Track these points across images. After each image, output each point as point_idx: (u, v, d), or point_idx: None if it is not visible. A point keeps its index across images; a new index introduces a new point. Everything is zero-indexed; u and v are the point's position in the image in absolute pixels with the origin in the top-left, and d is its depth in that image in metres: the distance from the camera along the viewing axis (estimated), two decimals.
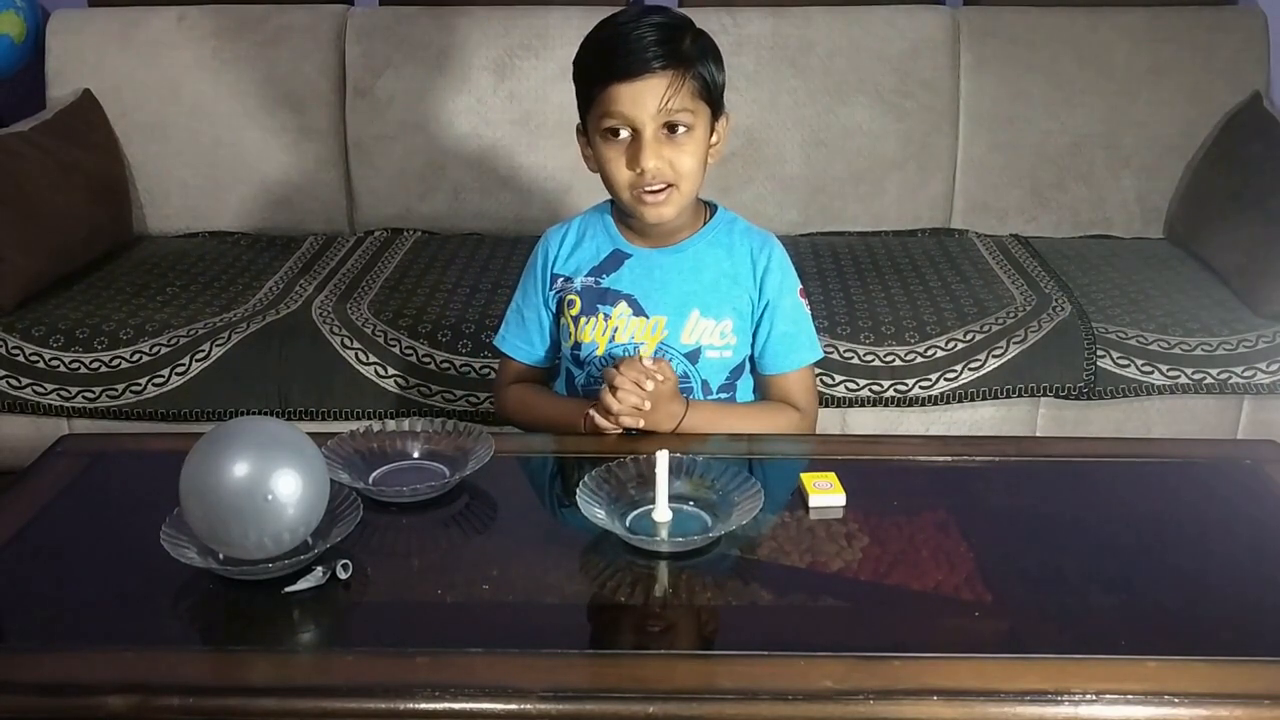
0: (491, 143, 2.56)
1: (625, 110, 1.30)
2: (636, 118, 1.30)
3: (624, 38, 1.30)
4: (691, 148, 1.33)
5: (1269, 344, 2.07)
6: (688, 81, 1.30)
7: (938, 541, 1.11)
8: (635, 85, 1.29)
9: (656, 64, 1.29)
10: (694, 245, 1.43)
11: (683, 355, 1.42)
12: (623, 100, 1.30)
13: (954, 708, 0.88)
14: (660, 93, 1.29)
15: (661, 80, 1.29)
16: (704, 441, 1.32)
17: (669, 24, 1.32)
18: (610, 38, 1.32)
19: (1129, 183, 2.59)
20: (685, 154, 1.33)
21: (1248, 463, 1.28)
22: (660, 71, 1.29)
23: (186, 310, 2.17)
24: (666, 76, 1.29)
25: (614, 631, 1.03)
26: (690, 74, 1.30)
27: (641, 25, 1.30)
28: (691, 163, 1.34)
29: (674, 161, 1.32)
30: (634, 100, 1.30)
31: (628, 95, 1.30)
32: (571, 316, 1.45)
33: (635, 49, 1.29)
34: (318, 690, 0.91)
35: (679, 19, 1.35)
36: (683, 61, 1.30)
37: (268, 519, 1.00)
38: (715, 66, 1.35)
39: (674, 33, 1.31)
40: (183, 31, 2.57)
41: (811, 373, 1.49)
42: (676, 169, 1.33)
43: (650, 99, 1.29)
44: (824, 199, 2.59)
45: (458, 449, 1.26)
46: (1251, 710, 0.88)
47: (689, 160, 1.33)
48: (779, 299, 1.43)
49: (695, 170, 1.35)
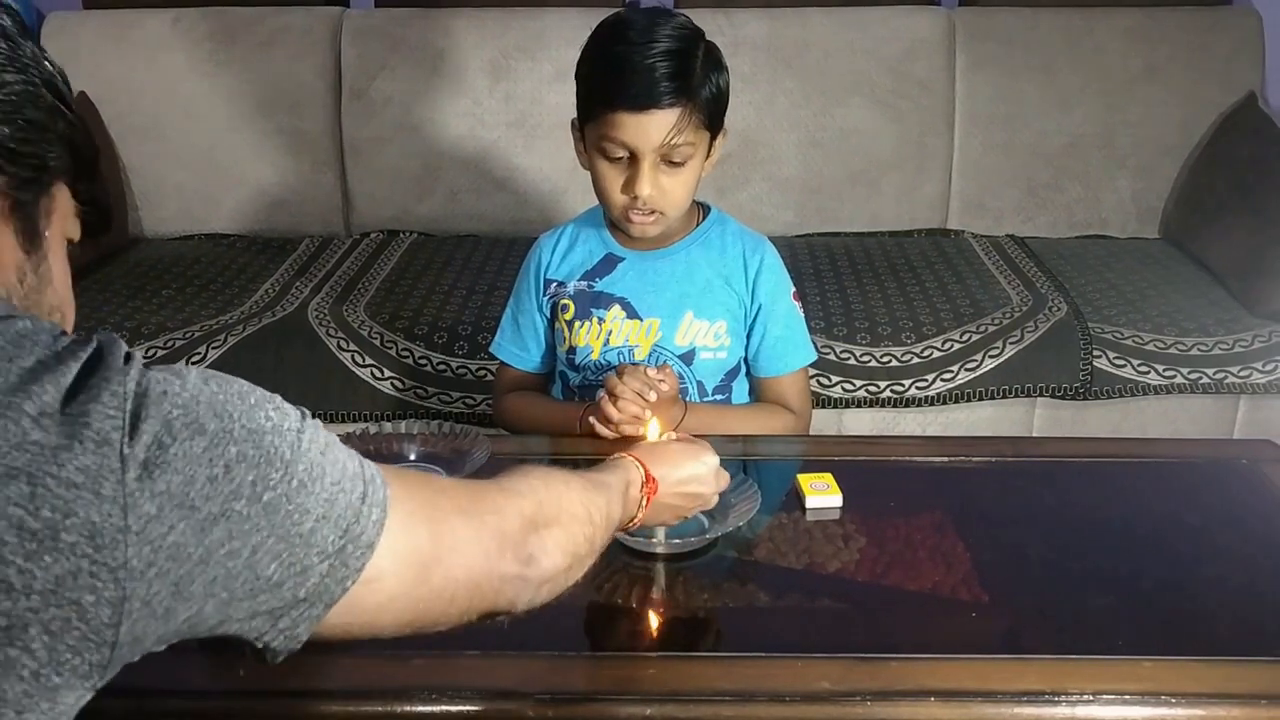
0: (487, 144, 2.56)
1: (628, 139, 1.28)
2: (638, 147, 1.28)
3: (635, 62, 1.25)
4: (687, 177, 1.32)
5: (1265, 343, 2.07)
6: (694, 115, 1.27)
7: (935, 542, 1.11)
8: (641, 118, 1.26)
9: (666, 99, 1.25)
10: (687, 247, 1.43)
11: (677, 357, 1.42)
12: (626, 129, 1.27)
13: (951, 708, 0.88)
14: (666, 128, 1.26)
15: (668, 116, 1.26)
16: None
17: (681, 49, 1.27)
18: (621, 58, 1.27)
19: (1125, 183, 2.59)
20: (680, 183, 1.32)
21: (1244, 462, 1.28)
22: (669, 107, 1.26)
23: (182, 313, 2.17)
24: (674, 113, 1.26)
25: (611, 634, 1.03)
26: (697, 105, 1.27)
27: (654, 50, 1.25)
28: (684, 191, 1.33)
29: (668, 190, 1.32)
30: (638, 131, 1.27)
31: (632, 125, 1.27)
32: (565, 321, 1.44)
33: (645, 79, 1.25)
34: (314, 693, 0.91)
35: (688, 36, 1.30)
36: (691, 95, 1.27)
37: None
38: (722, 81, 1.32)
39: (686, 61, 1.27)
40: (178, 34, 2.57)
41: (805, 375, 1.49)
42: (669, 198, 1.32)
43: (655, 133, 1.26)
44: (820, 200, 2.59)
45: (454, 451, 1.26)
46: (1249, 710, 0.88)
47: (682, 190, 1.33)
48: (773, 302, 1.43)
49: (686, 197, 1.35)
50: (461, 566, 0.72)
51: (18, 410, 0.54)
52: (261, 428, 0.61)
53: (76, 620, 0.54)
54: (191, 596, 0.58)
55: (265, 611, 0.62)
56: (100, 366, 0.58)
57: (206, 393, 0.60)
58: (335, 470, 0.65)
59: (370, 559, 0.65)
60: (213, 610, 0.60)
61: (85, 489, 0.54)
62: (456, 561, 0.71)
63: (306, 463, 0.63)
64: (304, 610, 0.64)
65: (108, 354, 0.59)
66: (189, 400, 0.59)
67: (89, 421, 0.55)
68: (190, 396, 0.59)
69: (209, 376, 0.62)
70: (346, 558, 0.64)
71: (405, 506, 0.68)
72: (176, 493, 0.57)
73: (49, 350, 0.58)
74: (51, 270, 0.71)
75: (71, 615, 0.54)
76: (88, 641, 0.55)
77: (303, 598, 0.63)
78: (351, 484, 0.65)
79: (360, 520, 0.65)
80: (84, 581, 0.54)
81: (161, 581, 0.56)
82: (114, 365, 0.58)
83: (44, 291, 0.71)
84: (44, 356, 0.57)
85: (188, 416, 0.58)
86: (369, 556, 0.65)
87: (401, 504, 0.68)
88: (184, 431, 0.58)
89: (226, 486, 0.59)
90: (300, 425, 0.64)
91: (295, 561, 0.62)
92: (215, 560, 0.58)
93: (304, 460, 0.63)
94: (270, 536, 0.60)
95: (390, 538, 0.66)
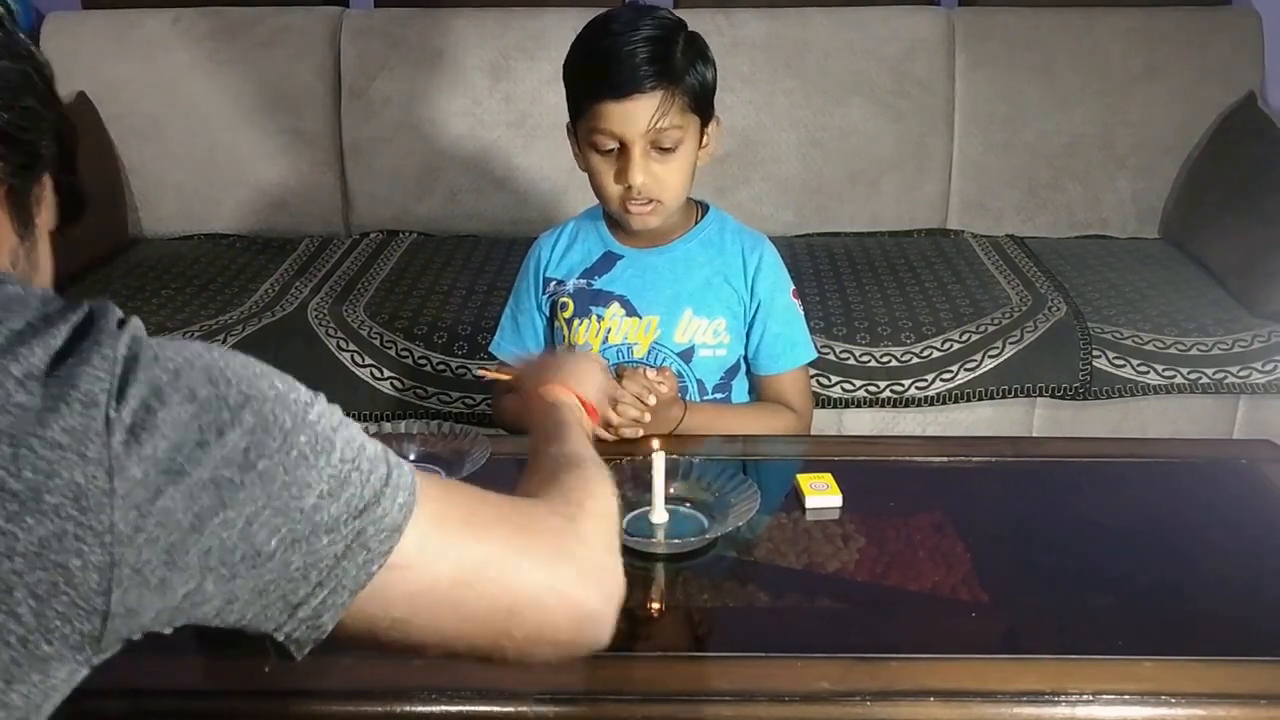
0: (487, 145, 2.56)
1: (614, 128, 1.29)
2: (625, 135, 1.29)
3: (615, 52, 1.28)
4: (679, 163, 1.33)
5: (1264, 343, 2.07)
6: (678, 98, 1.29)
7: (934, 542, 1.11)
8: (625, 105, 1.28)
9: (648, 83, 1.27)
10: (685, 245, 1.43)
11: (676, 355, 1.42)
12: (612, 118, 1.29)
13: (951, 708, 0.88)
14: (650, 112, 1.28)
15: (651, 100, 1.28)
16: (700, 443, 1.32)
17: (660, 35, 1.29)
18: (602, 50, 1.30)
19: (1124, 183, 2.59)
20: (673, 170, 1.32)
21: (1243, 462, 1.28)
22: (651, 91, 1.27)
23: (182, 313, 2.17)
24: (657, 96, 1.28)
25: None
26: (680, 89, 1.29)
27: (634, 38, 1.28)
28: (679, 178, 1.34)
29: (662, 178, 1.32)
30: (623, 119, 1.28)
31: (617, 113, 1.28)
32: (564, 319, 1.45)
33: (626, 66, 1.27)
34: (313, 693, 0.90)
35: (669, 25, 1.32)
36: (674, 78, 1.29)
37: None
38: (707, 71, 1.33)
39: (666, 46, 1.29)
40: (178, 33, 2.57)
41: (806, 373, 1.48)
42: (663, 185, 1.33)
43: (640, 118, 1.28)
44: (820, 200, 2.59)
45: (454, 451, 1.26)
46: (1248, 710, 0.88)
47: (677, 176, 1.33)
48: (771, 300, 1.43)
49: (683, 184, 1.35)
50: (520, 584, 0.66)
51: (4, 372, 0.53)
52: (263, 394, 0.59)
53: (64, 585, 0.53)
54: (187, 567, 0.57)
55: (278, 599, 0.60)
56: (92, 330, 0.57)
57: (205, 360, 0.59)
58: (349, 449, 0.62)
59: (398, 543, 0.62)
60: (215, 588, 0.58)
61: (70, 450, 0.53)
62: (512, 576, 0.66)
63: (311, 434, 0.60)
64: (324, 598, 0.61)
65: (100, 319, 0.58)
66: (181, 365, 0.58)
67: (76, 384, 0.54)
68: (184, 361, 0.58)
69: (214, 347, 0.60)
70: (367, 540, 0.61)
71: (439, 505, 0.65)
72: (163, 458, 0.55)
73: (38, 313, 0.57)
74: (40, 257, 0.71)
75: (59, 579, 0.53)
76: (77, 609, 0.54)
77: (318, 582, 0.60)
78: (371, 465, 0.63)
79: (382, 502, 0.62)
80: (69, 544, 0.53)
81: (152, 549, 0.55)
82: (106, 329, 0.57)
83: (33, 278, 0.70)
84: (33, 319, 0.56)
85: (178, 381, 0.57)
86: (395, 540, 0.62)
87: (435, 501, 0.65)
88: (174, 396, 0.56)
89: (218, 452, 0.57)
90: (311, 399, 0.62)
91: (299, 539, 0.59)
92: (209, 530, 0.57)
93: (307, 431, 0.60)
94: (266, 508, 0.58)
95: (422, 526, 0.63)
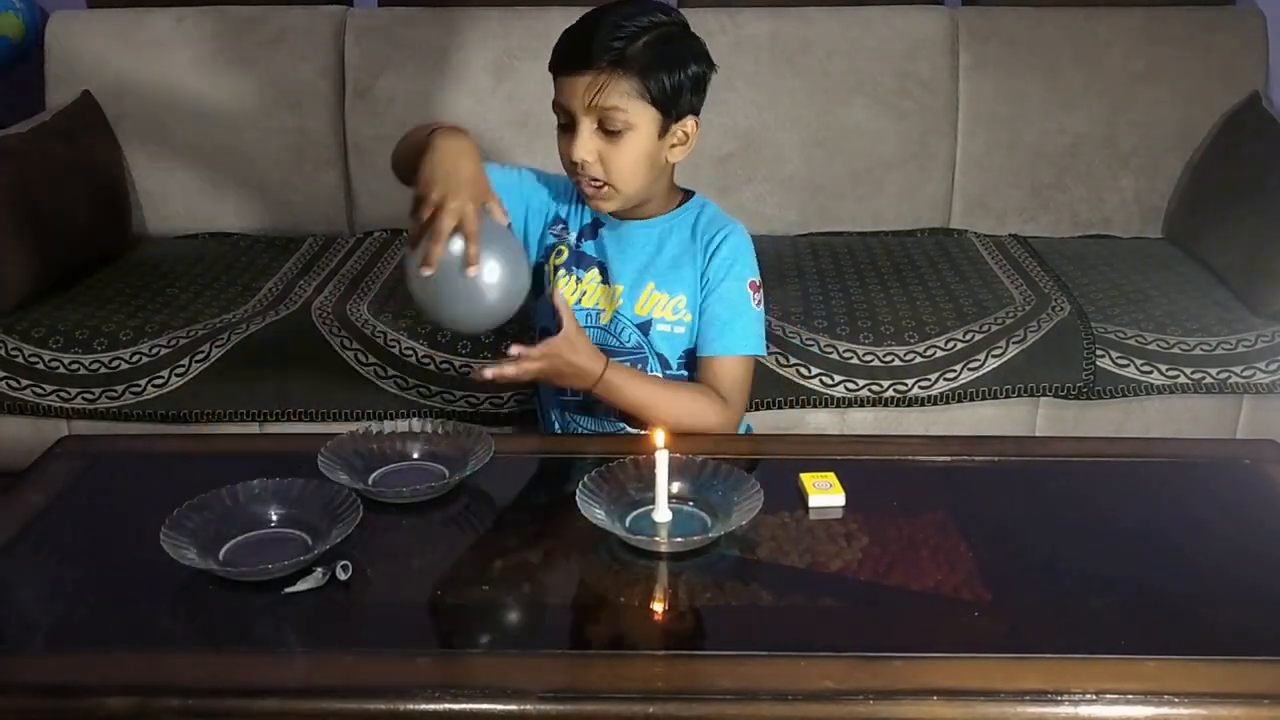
0: (490, 143, 2.56)
1: (563, 100, 1.34)
2: (570, 107, 1.33)
3: (576, 30, 1.34)
4: (628, 148, 1.33)
5: (1268, 343, 2.07)
6: (619, 81, 1.31)
7: (937, 541, 1.11)
8: (570, 78, 1.33)
9: (597, 59, 1.30)
10: (664, 223, 1.45)
11: (635, 326, 1.43)
12: (563, 90, 1.34)
13: (954, 708, 0.88)
14: (592, 88, 1.31)
15: (588, 76, 1.31)
16: (704, 442, 1.32)
17: (627, 23, 1.31)
18: (572, 28, 1.35)
19: (1128, 182, 2.59)
20: (621, 153, 1.33)
21: (1247, 462, 1.28)
22: (590, 68, 1.31)
23: (186, 311, 2.17)
24: (592, 74, 1.31)
25: (614, 632, 1.03)
26: (625, 74, 1.31)
27: (602, 21, 1.31)
28: (628, 164, 1.34)
29: (608, 159, 1.34)
30: (570, 91, 1.33)
31: (566, 86, 1.33)
32: (554, 265, 1.47)
33: (576, 42, 1.32)
34: (317, 691, 0.91)
35: (657, 21, 1.33)
36: (620, 62, 1.30)
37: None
38: (680, 70, 1.33)
39: (628, 33, 1.31)
40: (182, 33, 2.57)
41: (743, 366, 1.43)
42: (609, 167, 1.34)
43: (582, 92, 1.31)
44: (823, 199, 2.59)
45: (457, 450, 1.26)
46: (1251, 710, 0.88)
47: (624, 160, 1.34)
48: (720, 280, 1.42)
49: (633, 172, 1.35)
50: None
51: None
52: None
53: None
54: None
55: None
56: None
57: None
58: None
59: None
60: None
61: None
62: None
63: None
64: None
65: None
66: None
67: None
68: None
69: None
70: None
71: None
72: None
73: None
74: None
75: None
76: None
77: None
78: None
79: None
80: None
81: None
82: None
83: None
84: None
85: None
86: None
87: None
88: None
89: None
90: None
91: None
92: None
93: None
94: None
95: None
